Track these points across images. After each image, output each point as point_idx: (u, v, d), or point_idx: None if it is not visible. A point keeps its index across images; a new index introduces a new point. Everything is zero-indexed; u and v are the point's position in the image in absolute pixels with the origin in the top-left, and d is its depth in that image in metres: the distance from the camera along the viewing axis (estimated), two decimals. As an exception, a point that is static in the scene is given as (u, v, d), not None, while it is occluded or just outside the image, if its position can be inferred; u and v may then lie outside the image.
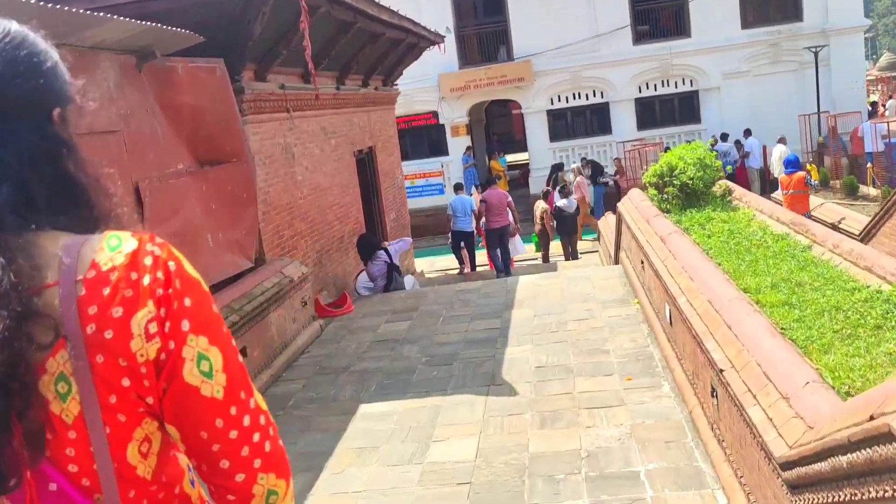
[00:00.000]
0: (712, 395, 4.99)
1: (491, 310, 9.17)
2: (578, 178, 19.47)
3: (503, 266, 14.85)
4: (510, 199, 15.26)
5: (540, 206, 17.17)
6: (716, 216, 8.17)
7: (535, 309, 8.97)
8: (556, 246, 18.64)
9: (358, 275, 11.76)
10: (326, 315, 9.85)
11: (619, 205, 10.58)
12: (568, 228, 16.92)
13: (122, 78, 6.76)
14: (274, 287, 8.18)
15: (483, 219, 14.84)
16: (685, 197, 8.87)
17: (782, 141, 19.81)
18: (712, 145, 22.24)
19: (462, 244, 15.45)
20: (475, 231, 15.24)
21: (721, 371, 4.45)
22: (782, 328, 4.67)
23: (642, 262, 8.43)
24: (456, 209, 14.97)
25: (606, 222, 15.15)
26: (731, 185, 9.59)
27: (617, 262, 11.76)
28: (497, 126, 35.05)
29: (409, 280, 11.61)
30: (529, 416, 6.04)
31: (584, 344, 7.53)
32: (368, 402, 6.83)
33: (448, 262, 19.66)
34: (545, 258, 17.15)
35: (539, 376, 6.85)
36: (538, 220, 17.03)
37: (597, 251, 16.98)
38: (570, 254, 17.01)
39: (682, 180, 8.72)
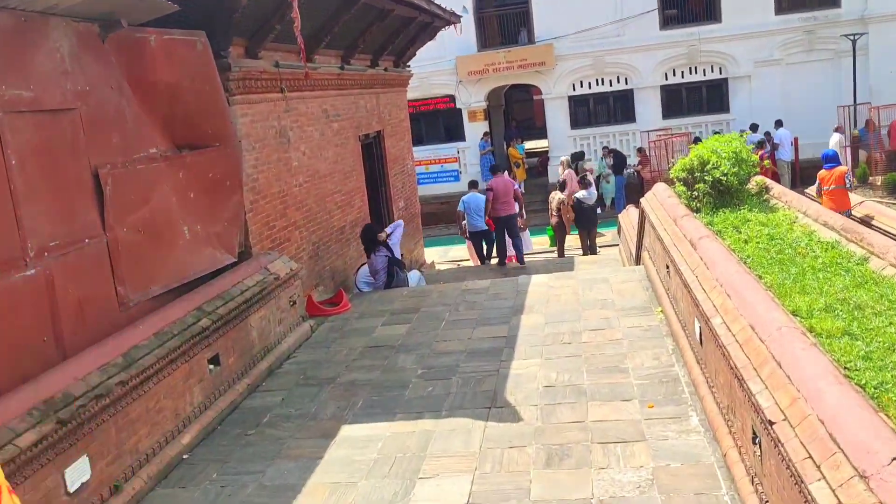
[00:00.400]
0: (754, 442, 4.09)
1: (498, 314, 8.29)
2: (567, 172, 18.49)
3: (518, 257, 14.39)
4: (517, 186, 14.63)
5: (556, 196, 16.21)
6: (752, 217, 7.22)
7: (546, 315, 8.08)
8: (573, 239, 17.72)
9: (359, 268, 10.92)
10: (319, 314, 9.02)
11: (642, 200, 9.64)
12: (587, 221, 15.97)
13: (79, 49, 5.92)
14: (256, 285, 7.34)
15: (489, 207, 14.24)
16: (717, 195, 7.92)
17: (839, 130, 18.78)
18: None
19: (483, 242, 14.73)
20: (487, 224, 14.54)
21: (770, 423, 3.55)
22: (845, 367, 3.76)
23: (668, 268, 7.51)
24: (469, 207, 14.22)
25: (627, 216, 14.19)
26: (768, 181, 8.61)
27: (639, 262, 10.82)
28: (517, 112, 34.04)
29: (414, 276, 10.75)
30: (533, 450, 5.17)
31: (600, 360, 6.64)
32: (352, 422, 5.99)
33: (461, 252, 18.80)
34: (560, 252, 16.22)
35: (547, 398, 5.97)
36: (554, 212, 16.07)
37: (617, 245, 16.03)
38: (589, 248, 16.07)
39: (714, 176, 7.76)
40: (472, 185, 15.05)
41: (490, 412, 5.84)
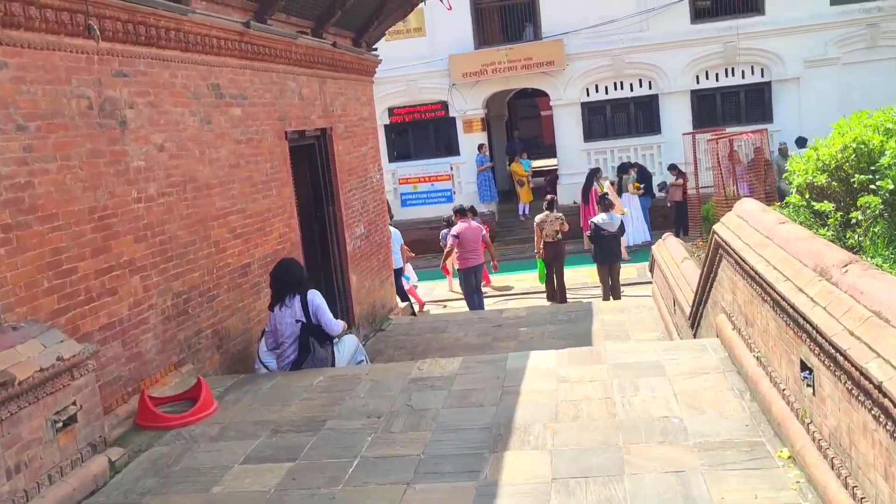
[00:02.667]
0: None
1: (461, 445, 4.22)
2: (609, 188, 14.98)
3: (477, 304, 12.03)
4: (485, 233, 12.63)
5: (549, 218, 12.41)
6: None
7: (553, 453, 4.01)
8: (590, 273, 13.79)
9: (263, 332, 6.86)
10: (158, 425, 5.00)
11: (716, 229, 5.57)
12: (608, 254, 11.96)
13: None
14: (-71, 409, 3.31)
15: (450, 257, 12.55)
16: (893, 216, 3.88)
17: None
18: (780, 151, 17.25)
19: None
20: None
21: None
22: None
23: (808, 375, 3.46)
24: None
25: (666, 249, 10.15)
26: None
27: (696, 326, 6.77)
28: (523, 129, 30.16)
29: (349, 343, 6.66)
30: None
31: None
32: None
33: (446, 289, 14.81)
34: (554, 294, 12.41)
35: None
36: (550, 235, 12.17)
37: (649, 282, 12.10)
38: (611, 289, 12.02)
39: (898, 180, 3.73)
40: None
41: None
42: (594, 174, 17.12)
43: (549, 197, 12.95)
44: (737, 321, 5.08)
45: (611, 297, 11.95)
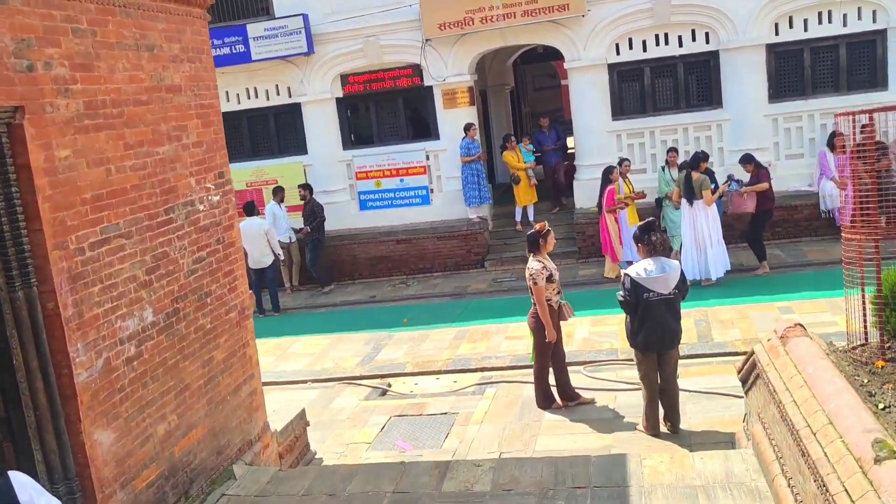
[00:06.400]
0: None
1: None
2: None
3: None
4: None
5: (532, 267, 6.79)
6: None
7: None
8: (619, 328, 8.29)
9: None
10: None
11: None
12: (657, 333, 6.24)
13: None
14: None
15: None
16: None
17: None
18: None
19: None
20: None
21: None
22: None
23: None
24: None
25: (795, 376, 4.41)
26: None
27: None
28: (539, 102, 24.28)
29: None
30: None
31: None
32: None
33: (404, 347, 9.19)
34: (542, 398, 6.84)
35: None
36: (556, 300, 6.71)
37: (718, 353, 6.51)
38: (660, 393, 6.33)
39: None
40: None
41: None
42: (610, 172, 11.41)
43: (538, 226, 7.14)
44: None
45: (661, 416, 6.27)
